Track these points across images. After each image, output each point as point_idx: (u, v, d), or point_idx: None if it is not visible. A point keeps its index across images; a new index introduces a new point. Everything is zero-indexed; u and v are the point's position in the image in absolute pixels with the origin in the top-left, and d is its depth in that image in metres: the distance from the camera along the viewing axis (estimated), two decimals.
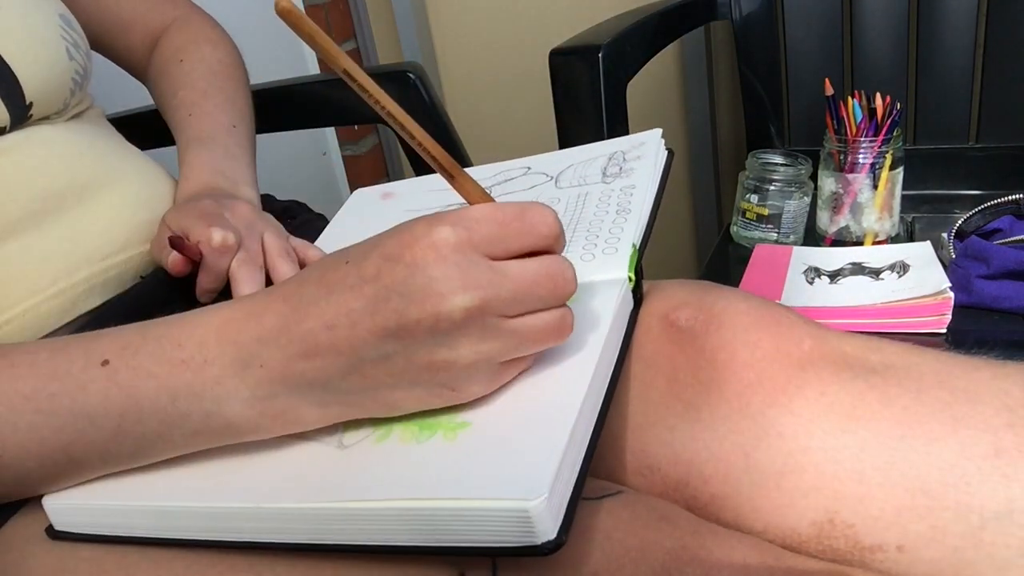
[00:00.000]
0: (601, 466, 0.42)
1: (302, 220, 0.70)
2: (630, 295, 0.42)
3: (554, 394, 0.34)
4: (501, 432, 0.33)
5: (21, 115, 0.51)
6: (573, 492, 0.30)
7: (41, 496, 0.37)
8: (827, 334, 0.41)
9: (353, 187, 1.60)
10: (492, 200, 0.37)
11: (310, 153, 1.52)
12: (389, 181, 1.65)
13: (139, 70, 0.73)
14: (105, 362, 0.35)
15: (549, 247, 0.34)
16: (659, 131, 0.53)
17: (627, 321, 0.41)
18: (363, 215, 0.61)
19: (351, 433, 0.35)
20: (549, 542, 0.28)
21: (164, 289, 0.55)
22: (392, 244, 0.32)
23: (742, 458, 0.38)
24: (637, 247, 0.43)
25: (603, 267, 0.42)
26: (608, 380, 0.36)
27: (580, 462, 0.31)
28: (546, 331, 0.34)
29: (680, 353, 0.41)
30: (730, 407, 0.39)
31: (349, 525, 0.31)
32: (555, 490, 0.29)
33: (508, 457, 0.31)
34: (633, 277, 0.42)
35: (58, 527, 0.37)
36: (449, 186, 0.36)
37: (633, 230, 0.44)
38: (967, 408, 0.36)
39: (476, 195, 0.37)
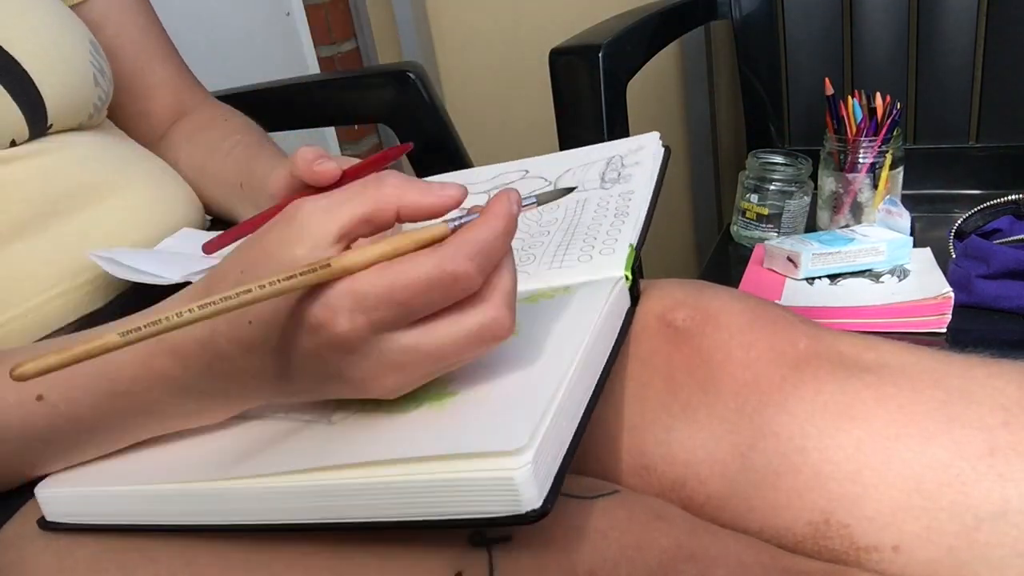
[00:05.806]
0: (598, 466, 0.42)
1: None
2: (626, 292, 0.42)
3: (541, 368, 0.34)
4: (487, 400, 0.33)
5: (39, 132, 0.52)
6: (560, 465, 0.30)
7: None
8: (823, 333, 0.41)
9: None
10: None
11: None
12: None
13: (153, 135, 0.70)
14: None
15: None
16: (656, 134, 0.53)
17: (623, 318, 0.41)
18: None
19: (340, 412, 0.36)
20: (534, 511, 0.28)
21: (164, 291, 0.55)
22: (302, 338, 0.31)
23: (738, 458, 0.38)
24: (634, 247, 0.44)
25: (600, 267, 0.43)
26: (602, 367, 0.37)
27: (569, 438, 0.31)
28: (464, 342, 0.31)
29: (676, 353, 0.42)
30: (726, 407, 0.39)
31: (335, 500, 0.32)
32: (540, 459, 0.29)
33: (492, 417, 0.31)
34: (630, 276, 0.42)
35: (50, 518, 0.37)
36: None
37: (631, 232, 0.45)
38: (962, 407, 0.36)
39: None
